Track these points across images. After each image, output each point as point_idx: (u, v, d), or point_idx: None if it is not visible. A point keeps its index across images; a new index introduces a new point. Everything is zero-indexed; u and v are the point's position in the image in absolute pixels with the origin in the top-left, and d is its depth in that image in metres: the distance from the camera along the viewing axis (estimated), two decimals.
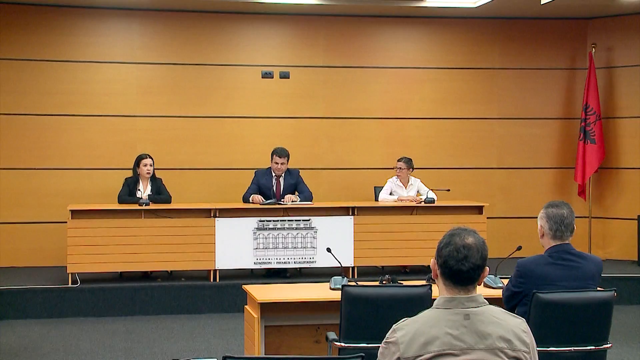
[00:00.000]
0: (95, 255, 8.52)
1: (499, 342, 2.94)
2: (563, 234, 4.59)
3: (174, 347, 7.26)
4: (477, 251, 3.02)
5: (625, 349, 7.11)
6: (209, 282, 8.75)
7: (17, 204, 9.94)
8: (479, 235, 3.07)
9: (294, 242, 8.83)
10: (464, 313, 2.97)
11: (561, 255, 4.58)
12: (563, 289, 4.52)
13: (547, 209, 4.64)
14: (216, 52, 10.40)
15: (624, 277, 9.30)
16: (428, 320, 2.99)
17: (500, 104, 10.91)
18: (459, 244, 3.03)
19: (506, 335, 2.96)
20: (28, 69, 9.97)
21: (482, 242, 3.05)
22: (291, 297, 5.40)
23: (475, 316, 2.97)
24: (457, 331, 2.94)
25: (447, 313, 2.98)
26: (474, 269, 3.00)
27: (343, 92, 10.64)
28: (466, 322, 2.96)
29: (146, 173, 9.02)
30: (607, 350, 4.60)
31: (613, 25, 10.75)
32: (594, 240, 10.73)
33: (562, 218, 4.59)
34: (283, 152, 9.14)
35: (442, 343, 2.92)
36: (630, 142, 10.69)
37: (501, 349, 2.94)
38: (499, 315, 3.00)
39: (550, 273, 4.57)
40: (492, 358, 2.93)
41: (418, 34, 10.88)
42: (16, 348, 7.19)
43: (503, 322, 2.98)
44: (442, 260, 3.04)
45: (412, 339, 2.94)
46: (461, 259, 3.00)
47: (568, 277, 4.57)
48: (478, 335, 2.94)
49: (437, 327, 2.95)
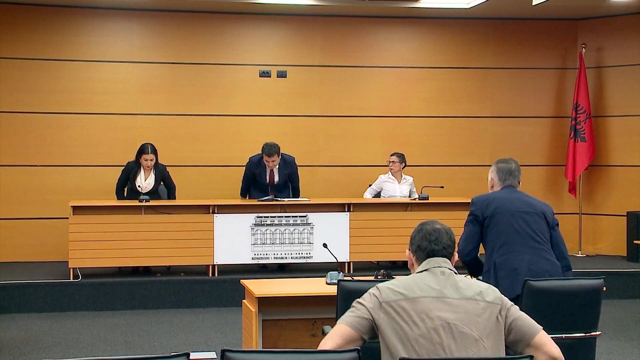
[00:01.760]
0: (96, 251, 8.57)
1: (473, 294, 3.24)
2: (511, 182, 5.06)
3: (173, 340, 7.28)
4: (445, 234, 3.39)
5: (614, 342, 7.21)
6: (207, 277, 8.80)
7: (20, 200, 9.99)
8: (446, 225, 3.43)
9: (291, 237, 8.88)
10: (441, 271, 3.30)
11: (509, 187, 5.05)
12: (514, 208, 4.89)
13: (497, 164, 5.13)
14: (215, 52, 10.45)
15: (614, 272, 9.36)
16: (409, 278, 3.31)
17: (493, 103, 10.98)
18: (429, 229, 3.39)
19: (478, 290, 3.26)
20: (30, 68, 10.02)
21: (449, 228, 3.42)
22: (288, 292, 5.39)
23: (452, 275, 3.30)
24: (436, 284, 3.25)
25: (426, 274, 3.31)
26: (445, 248, 3.36)
27: (339, 91, 10.71)
28: (443, 277, 3.28)
29: (147, 167, 9.01)
30: (596, 338, 4.68)
31: (603, 26, 10.82)
32: (584, 236, 10.81)
33: (510, 170, 5.08)
34: (272, 151, 9.00)
35: (421, 289, 3.23)
36: (620, 140, 10.75)
37: (475, 299, 3.23)
38: (471, 280, 3.34)
39: (500, 196, 4.96)
40: (467, 304, 3.21)
41: (412, 34, 10.95)
42: (18, 342, 7.21)
43: (475, 284, 3.29)
44: (415, 246, 3.39)
45: (392, 289, 3.24)
46: (433, 240, 3.36)
47: (515, 200, 4.95)
48: (454, 288, 3.25)
49: (418, 281, 3.27)
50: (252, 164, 9.24)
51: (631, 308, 8.79)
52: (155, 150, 9.03)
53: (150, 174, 9.06)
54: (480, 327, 3.17)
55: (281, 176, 9.24)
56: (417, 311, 3.17)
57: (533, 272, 4.81)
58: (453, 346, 3.12)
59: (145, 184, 9.03)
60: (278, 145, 9.09)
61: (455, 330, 3.14)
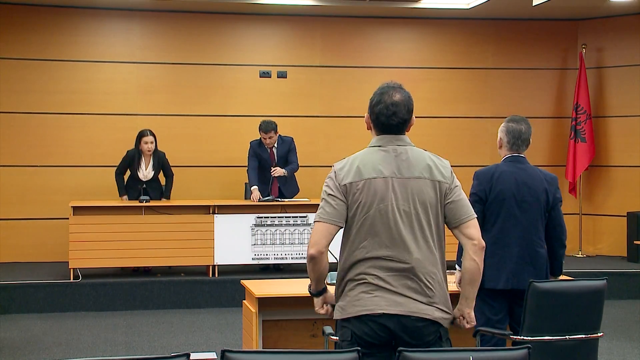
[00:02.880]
0: (96, 251, 8.59)
1: (421, 172, 3.42)
2: (519, 147, 5.03)
3: (174, 341, 7.30)
4: (404, 106, 3.51)
5: (615, 342, 7.23)
6: (207, 278, 8.82)
7: (20, 200, 10.01)
8: (405, 91, 3.54)
9: (291, 238, 8.90)
10: (393, 149, 3.46)
11: (515, 159, 5.00)
12: (518, 195, 4.86)
13: (507, 123, 5.06)
14: (215, 52, 10.47)
15: (614, 272, 9.37)
16: (362, 156, 3.48)
17: (493, 103, 10.99)
18: (387, 102, 3.50)
19: (427, 168, 3.44)
20: (30, 68, 10.04)
21: (408, 96, 3.54)
22: (289, 292, 5.36)
23: (403, 153, 3.46)
24: (387, 163, 3.42)
25: (378, 150, 3.47)
26: (402, 123, 3.51)
27: (339, 91, 10.73)
28: (394, 155, 3.44)
29: (147, 151, 9.02)
30: (599, 339, 4.67)
31: (603, 26, 10.84)
32: (584, 236, 10.82)
33: (520, 133, 5.02)
34: (268, 127, 9.04)
35: (373, 171, 3.40)
36: (620, 140, 10.76)
37: (423, 177, 3.42)
38: (424, 154, 3.50)
39: (506, 176, 4.92)
40: (415, 182, 3.41)
41: (413, 34, 10.97)
42: (19, 342, 7.23)
43: (428, 159, 3.47)
44: (374, 116, 3.53)
45: (348, 170, 3.44)
46: (390, 115, 3.49)
47: (520, 183, 4.91)
48: (404, 166, 3.42)
49: (370, 160, 3.43)
50: (254, 146, 9.26)
51: (631, 308, 8.81)
52: (154, 135, 9.06)
53: (150, 163, 9.09)
54: (425, 204, 3.39)
55: (281, 156, 9.25)
56: (370, 192, 3.39)
57: (517, 275, 4.84)
58: (400, 223, 3.36)
59: (146, 173, 9.06)
60: (275, 122, 9.14)
61: (400, 209, 3.37)
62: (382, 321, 3.34)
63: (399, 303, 3.34)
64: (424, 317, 3.35)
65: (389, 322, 3.33)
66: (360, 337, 3.35)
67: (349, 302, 3.40)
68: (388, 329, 3.34)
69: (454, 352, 3.19)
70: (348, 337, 3.38)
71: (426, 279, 3.38)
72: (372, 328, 3.34)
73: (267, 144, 9.13)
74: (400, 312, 3.33)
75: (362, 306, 3.36)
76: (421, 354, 3.08)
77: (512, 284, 4.84)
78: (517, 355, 3.16)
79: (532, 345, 3.51)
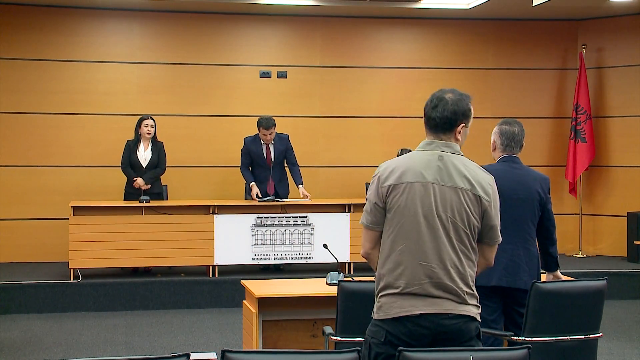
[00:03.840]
0: (96, 251, 8.59)
1: (462, 183, 3.40)
2: (513, 149, 5.04)
3: (174, 341, 7.31)
4: (450, 104, 3.46)
5: (615, 343, 7.24)
6: (208, 278, 8.83)
7: (20, 200, 10.01)
8: (463, 95, 3.49)
9: (292, 238, 8.90)
10: (439, 155, 3.45)
11: (510, 160, 5.02)
12: (512, 194, 4.85)
13: (501, 126, 5.08)
14: (215, 53, 10.48)
15: (614, 272, 9.38)
16: (408, 158, 3.51)
17: (493, 104, 10.98)
18: (436, 95, 3.50)
19: (471, 180, 3.42)
20: (30, 68, 10.04)
21: (460, 99, 3.48)
22: (289, 293, 5.41)
23: (448, 159, 3.43)
24: (429, 168, 3.42)
25: (424, 154, 3.47)
26: (441, 118, 3.46)
27: (339, 92, 10.73)
28: (439, 162, 3.43)
29: (147, 133, 9.04)
30: (598, 339, 4.70)
31: (603, 26, 10.84)
32: (584, 237, 10.83)
33: (514, 135, 5.03)
34: (269, 124, 9.06)
35: (414, 175, 3.42)
36: (620, 140, 10.76)
37: (463, 189, 3.40)
38: (471, 165, 3.46)
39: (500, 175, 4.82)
40: (454, 193, 3.40)
41: (413, 34, 10.97)
42: (19, 342, 7.23)
43: (472, 171, 3.44)
44: (425, 110, 3.54)
45: (391, 171, 3.47)
46: (433, 107, 3.48)
47: (514, 183, 4.91)
48: (446, 174, 3.41)
49: (414, 164, 3.45)
50: (248, 143, 9.25)
51: (631, 309, 8.82)
52: (154, 121, 9.11)
53: (149, 147, 9.11)
54: (461, 214, 3.40)
55: (277, 153, 9.24)
56: (410, 196, 3.41)
57: (509, 272, 4.86)
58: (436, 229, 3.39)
59: (145, 155, 9.07)
60: (274, 119, 9.16)
61: (438, 216, 3.39)
62: (420, 322, 3.38)
63: (435, 303, 3.38)
64: (461, 314, 3.39)
65: (426, 321, 3.38)
66: (396, 336, 3.40)
67: (385, 304, 3.45)
68: (427, 329, 3.38)
69: (454, 352, 3.20)
70: (381, 338, 3.43)
71: (460, 282, 3.41)
72: (409, 328, 3.39)
73: (267, 140, 9.13)
74: (438, 311, 3.37)
75: (399, 307, 3.40)
76: (421, 353, 3.10)
77: (505, 282, 4.85)
78: (517, 355, 3.18)
79: (532, 345, 3.52)
